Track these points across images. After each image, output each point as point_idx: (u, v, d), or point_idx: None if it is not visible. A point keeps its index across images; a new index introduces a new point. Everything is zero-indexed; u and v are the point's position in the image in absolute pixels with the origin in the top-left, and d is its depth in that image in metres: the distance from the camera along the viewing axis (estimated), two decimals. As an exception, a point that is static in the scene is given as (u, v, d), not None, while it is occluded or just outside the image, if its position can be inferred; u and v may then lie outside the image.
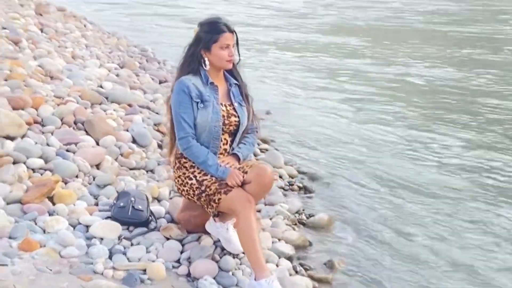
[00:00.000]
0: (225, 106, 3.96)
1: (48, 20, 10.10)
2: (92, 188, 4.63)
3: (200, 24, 3.98)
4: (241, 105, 4.04)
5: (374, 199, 5.45)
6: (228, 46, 3.89)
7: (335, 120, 8.04)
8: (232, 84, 4.06)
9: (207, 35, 3.89)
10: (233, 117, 3.96)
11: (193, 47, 3.95)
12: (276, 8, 22.65)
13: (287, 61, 12.48)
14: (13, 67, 6.22)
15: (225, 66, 3.97)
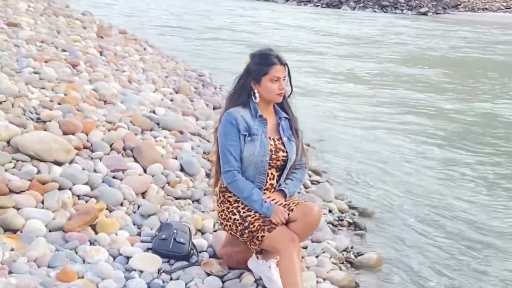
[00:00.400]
0: (273, 140, 3.85)
1: (108, 43, 10.22)
2: (136, 217, 4.56)
3: (252, 56, 3.90)
4: (290, 140, 3.92)
5: (428, 241, 5.21)
6: (278, 79, 3.79)
7: (393, 156, 7.74)
8: (282, 117, 3.95)
9: (257, 67, 3.80)
10: (281, 152, 3.85)
11: (243, 79, 3.87)
12: (345, 35, 22.30)
13: (353, 91, 12.17)
14: (68, 91, 6.26)
15: (275, 99, 3.86)
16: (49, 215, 4.15)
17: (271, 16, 30.88)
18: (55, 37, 9.26)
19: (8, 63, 6.63)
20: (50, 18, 11.02)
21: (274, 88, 3.80)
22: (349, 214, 5.63)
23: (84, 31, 11.03)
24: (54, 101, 5.87)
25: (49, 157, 4.74)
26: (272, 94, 3.82)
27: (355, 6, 41.68)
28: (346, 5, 42.07)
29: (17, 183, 4.29)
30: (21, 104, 5.48)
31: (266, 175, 3.83)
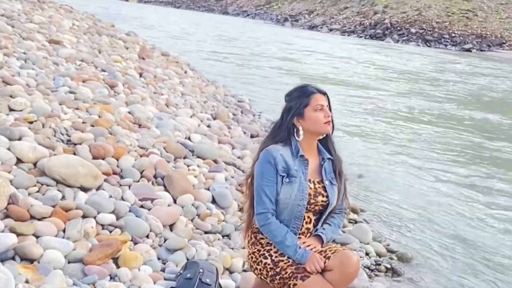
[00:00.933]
0: (313, 183, 3.54)
1: (148, 64, 10.08)
2: (162, 251, 4.31)
3: (287, 95, 3.64)
4: (332, 184, 3.61)
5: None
6: (322, 107, 3.51)
7: (438, 200, 7.27)
8: (326, 158, 3.64)
9: (297, 101, 3.53)
10: (321, 197, 3.54)
11: (284, 118, 3.57)
12: (399, 70, 21.70)
13: (403, 130, 11.63)
14: (103, 112, 6.08)
15: (323, 129, 3.54)
16: (69, 246, 3.91)
17: (316, 45, 30.72)
18: (95, 56, 9.15)
19: (44, 82, 6.50)
20: (93, 37, 10.95)
21: (319, 117, 3.50)
22: (387, 258, 5.28)
23: (126, 51, 10.93)
24: (87, 122, 5.69)
25: (75, 182, 4.52)
26: (319, 124, 3.51)
27: (399, 39, 41.44)
28: (390, 37, 41.88)
29: (39, 209, 4.08)
30: (52, 125, 5.30)
31: (303, 219, 3.54)
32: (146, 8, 59.67)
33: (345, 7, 54.65)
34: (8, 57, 7.04)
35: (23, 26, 9.25)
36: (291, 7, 64.91)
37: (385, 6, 48.98)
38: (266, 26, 46.03)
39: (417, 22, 44.10)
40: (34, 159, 4.64)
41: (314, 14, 57.08)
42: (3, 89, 5.70)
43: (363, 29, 45.84)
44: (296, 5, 65.10)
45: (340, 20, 50.66)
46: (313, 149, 3.63)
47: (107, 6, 47.19)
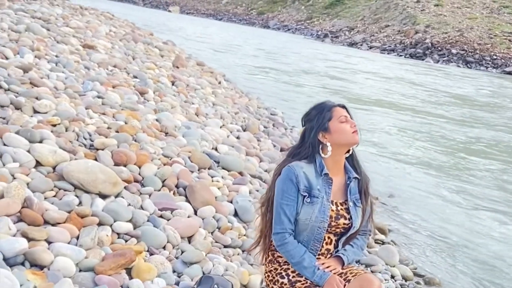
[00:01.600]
0: (336, 204, 3.34)
1: (182, 73, 10.00)
2: (178, 264, 4.15)
3: (305, 116, 3.46)
4: (356, 205, 3.40)
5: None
6: (346, 118, 3.33)
7: (472, 226, 6.95)
8: (352, 178, 3.43)
9: (318, 117, 3.34)
10: (343, 219, 3.33)
11: (303, 140, 3.40)
12: (449, 93, 20.85)
13: (450, 157, 11.05)
14: (129, 119, 5.97)
15: (353, 139, 3.33)
16: (81, 253, 3.77)
17: (360, 62, 30.37)
18: (129, 63, 9.11)
19: (72, 85, 6.43)
20: (129, 44, 10.93)
21: (346, 127, 3.30)
22: (413, 282, 5.04)
23: (161, 59, 10.89)
24: (112, 128, 5.59)
25: (93, 188, 4.40)
26: (348, 135, 3.31)
27: (439, 59, 40.88)
28: (430, 57, 41.36)
29: (53, 215, 3.96)
30: (76, 129, 5.20)
31: (323, 240, 3.34)
32: (188, 19, 60.11)
33: (386, 25, 54.18)
34: (39, 59, 7.01)
35: (58, 30, 9.26)
36: (332, 23, 64.72)
37: (427, 26, 48.43)
38: (306, 42, 45.90)
39: (458, 43, 43.44)
40: (54, 162, 4.54)
41: (355, 31, 56.74)
42: (29, 90, 5.63)
43: (404, 47, 45.38)
44: (337, 22, 64.89)
45: (381, 38, 50.24)
46: (340, 167, 3.42)
47: (149, 16, 47.70)
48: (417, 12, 54.01)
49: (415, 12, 54.09)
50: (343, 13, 67.54)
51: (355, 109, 13.71)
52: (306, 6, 75.53)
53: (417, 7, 56.19)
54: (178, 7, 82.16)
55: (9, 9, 10.01)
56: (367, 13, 62.39)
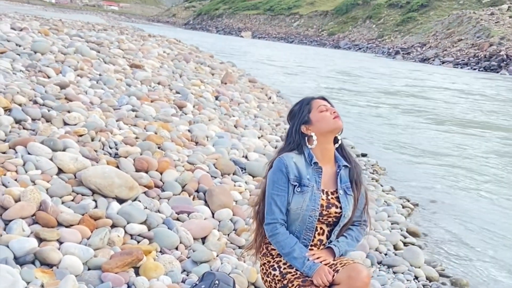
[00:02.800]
0: (326, 193, 3.35)
1: (228, 89, 10.17)
2: (188, 263, 4.23)
3: (288, 114, 3.53)
4: (347, 194, 3.39)
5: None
6: (326, 107, 3.37)
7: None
8: (342, 166, 3.44)
9: (299, 111, 3.41)
10: (334, 208, 3.34)
11: (288, 138, 3.45)
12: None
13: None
14: (159, 129, 6.14)
15: (335, 124, 3.35)
16: (89, 252, 3.92)
17: (432, 78, 29.68)
18: (174, 80, 9.34)
19: (108, 100, 6.67)
20: (179, 63, 11.22)
21: (327, 114, 3.35)
22: (438, 283, 4.93)
23: (210, 77, 11.12)
24: (140, 138, 5.77)
25: (109, 192, 4.57)
26: (329, 121, 3.33)
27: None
28: (506, 69, 40.18)
29: (67, 217, 4.13)
30: (102, 139, 5.40)
31: (315, 230, 3.35)
32: (260, 43, 60.67)
33: (459, 39, 53.24)
34: (81, 77, 7.31)
35: (108, 52, 9.63)
36: (404, 40, 64.14)
37: (502, 38, 47.25)
38: (377, 60, 45.47)
39: (535, 54, 42.13)
40: (75, 169, 4.73)
41: (427, 47, 56.01)
42: (62, 105, 5.89)
43: (477, 61, 44.37)
44: (409, 38, 64.26)
45: (453, 53, 49.36)
46: (329, 157, 3.44)
47: (223, 42, 48.39)
48: (491, 25, 52.82)
49: (489, 25, 52.91)
50: (415, 30, 66.86)
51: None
52: (377, 24, 75.22)
53: (491, 19, 54.98)
54: (250, 32, 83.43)
55: (66, 35, 10.50)
56: (440, 28, 61.50)
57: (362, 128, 13.02)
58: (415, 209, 7.12)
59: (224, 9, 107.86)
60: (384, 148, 10.95)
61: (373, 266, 5.02)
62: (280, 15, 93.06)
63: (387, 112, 16.08)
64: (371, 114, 15.42)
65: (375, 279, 4.68)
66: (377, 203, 6.83)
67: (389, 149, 10.82)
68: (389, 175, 8.83)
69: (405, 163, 9.76)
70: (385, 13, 77.24)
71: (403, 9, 74.99)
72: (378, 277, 4.77)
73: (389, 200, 7.09)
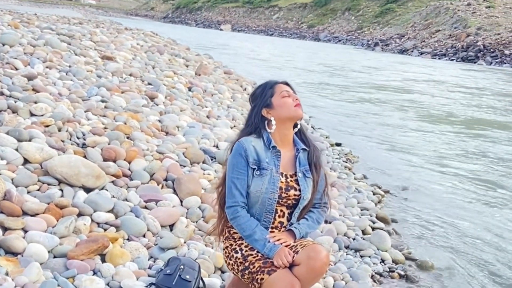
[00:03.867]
0: (285, 176, 3.40)
1: (201, 80, 10.17)
2: (155, 250, 4.26)
3: (251, 96, 3.58)
4: (306, 176, 3.45)
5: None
6: (288, 93, 3.43)
7: (482, 219, 6.72)
8: (300, 149, 3.49)
9: (261, 94, 3.46)
10: (293, 190, 3.39)
11: (249, 120, 3.50)
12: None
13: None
14: (129, 119, 6.14)
15: (295, 113, 3.43)
16: (54, 240, 3.92)
17: (410, 69, 29.74)
18: (147, 72, 9.33)
19: (77, 91, 6.66)
20: (153, 55, 11.19)
21: (288, 101, 3.41)
22: (404, 266, 5.01)
23: (184, 68, 11.11)
24: (109, 128, 5.77)
25: (76, 181, 4.57)
26: (290, 109, 3.40)
27: (492, 61, 40.02)
28: (483, 60, 40.55)
29: (32, 206, 4.13)
30: (69, 129, 5.39)
31: (275, 213, 3.40)
32: (240, 36, 60.58)
33: (436, 30, 53.62)
34: (50, 69, 7.28)
35: (79, 44, 9.57)
36: (383, 32, 64.39)
37: (478, 28, 47.69)
38: (357, 52, 45.61)
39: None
40: (41, 159, 4.72)
41: (405, 38, 56.31)
42: (29, 96, 5.87)
43: (455, 51, 44.73)
44: (387, 30, 64.52)
45: (431, 44, 49.70)
46: (288, 141, 3.50)
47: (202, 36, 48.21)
48: (468, 15, 53.26)
49: (466, 15, 53.35)
50: (393, 21, 67.13)
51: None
52: (356, 16, 75.42)
53: (468, 10, 55.42)
54: (230, 25, 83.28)
55: (37, 27, 10.43)
56: (418, 19, 61.87)
57: (338, 118, 13.13)
58: (386, 196, 7.20)
59: (203, 2, 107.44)
60: (359, 138, 11.04)
61: (341, 250, 5.07)
62: (260, 8, 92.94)
63: (365, 103, 16.20)
64: (348, 105, 15.52)
65: (342, 262, 4.75)
66: (348, 190, 6.90)
67: (364, 139, 10.91)
68: (362, 163, 8.91)
69: (379, 153, 9.85)
70: (363, 4, 77.48)
71: (381, 0, 75.25)
72: (345, 260, 4.83)
73: (360, 188, 7.15)
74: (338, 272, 4.53)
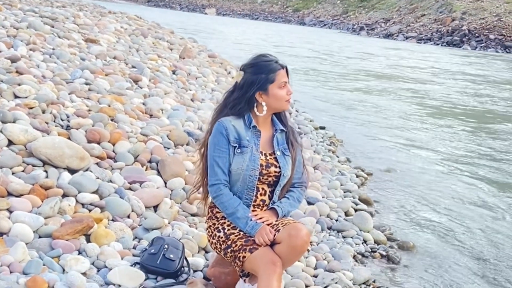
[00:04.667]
0: (265, 155, 3.47)
1: (186, 63, 10.18)
2: (139, 230, 4.31)
3: (247, 66, 3.53)
4: (285, 154, 3.53)
5: (465, 282, 4.57)
6: (285, 84, 3.46)
7: (459, 201, 6.84)
8: (278, 129, 3.56)
9: (261, 76, 3.43)
10: (273, 167, 3.46)
11: (240, 92, 3.48)
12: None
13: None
14: (112, 102, 6.16)
15: (284, 107, 3.51)
16: (39, 221, 3.96)
17: (397, 54, 29.69)
18: (131, 55, 9.32)
19: (61, 73, 6.65)
20: (137, 38, 11.16)
21: (283, 94, 3.45)
22: (385, 246, 5.10)
23: (168, 52, 11.10)
24: (93, 110, 5.78)
25: (60, 163, 4.59)
26: (282, 102, 3.46)
27: (477, 45, 40.16)
28: (468, 44, 40.70)
29: (16, 187, 4.16)
30: (53, 111, 5.41)
31: (257, 190, 3.46)
32: (225, 20, 60.29)
33: (422, 15, 53.62)
34: (33, 51, 7.26)
35: (63, 27, 9.52)
36: (368, 16, 64.29)
37: (464, 13, 47.74)
38: (342, 36, 45.53)
39: (496, 28, 42.64)
40: (26, 141, 4.73)
41: (391, 23, 56.28)
42: (13, 78, 5.87)
43: (440, 36, 44.78)
44: (373, 14, 64.44)
45: (417, 28, 49.73)
46: (267, 122, 3.58)
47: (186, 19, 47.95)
48: (453, 0, 53.28)
49: (452, 0, 53.37)
50: (379, 5, 67.01)
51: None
52: (341, 0, 75.24)
53: (453, -6, 55.45)
54: (214, 9, 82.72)
55: (19, 10, 10.35)
56: (403, 3, 61.78)
57: (322, 103, 13.16)
58: (369, 178, 7.28)
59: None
60: (343, 122, 11.11)
61: (323, 231, 5.15)
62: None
63: (349, 89, 16.20)
64: (333, 90, 15.53)
65: (325, 243, 4.82)
66: (332, 173, 6.96)
67: (348, 123, 10.98)
68: (346, 147, 8.98)
69: (362, 137, 9.92)
70: (349, -12, 77.28)
71: (367, -16, 75.12)
72: (327, 241, 4.90)
73: (344, 170, 7.22)
74: (321, 252, 4.61)
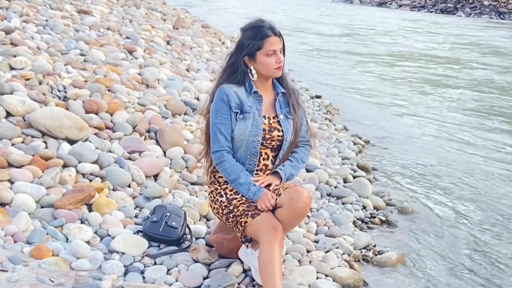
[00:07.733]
0: (268, 118, 3.47)
1: (180, 34, 10.12)
2: (140, 199, 4.33)
3: (243, 30, 3.52)
4: (288, 118, 3.53)
5: (458, 249, 4.62)
6: (274, 52, 3.41)
7: (464, 164, 6.90)
8: (280, 93, 3.56)
9: (250, 41, 3.41)
10: (276, 131, 3.47)
11: (235, 56, 3.49)
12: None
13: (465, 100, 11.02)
14: (109, 73, 6.14)
15: (273, 74, 3.48)
16: (41, 191, 3.98)
17: (394, 22, 29.46)
18: (124, 26, 9.26)
19: (55, 45, 6.60)
20: (129, 9, 11.07)
21: (271, 62, 3.42)
22: (385, 211, 5.14)
23: (161, 22, 11.03)
24: (89, 81, 5.76)
25: (59, 133, 4.58)
26: (270, 69, 3.44)
27: (471, 12, 39.89)
28: (461, 11, 40.40)
29: (17, 157, 4.16)
30: (50, 82, 5.39)
31: (260, 155, 3.47)
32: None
33: (415, -19, 53.21)
34: (27, 23, 7.20)
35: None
36: (360, -15, 63.81)
37: (458, -22, 47.34)
38: (335, 4, 45.12)
39: (491, -6, 42.35)
40: (24, 112, 4.71)
41: (383, -9, 55.86)
42: (8, 50, 5.83)
43: (434, 3, 44.33)
44: (366, -18, 63.95)
45: (410, -5, 49.35)
46: (268, 86, 3.56)
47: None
48: (447, -36, 52.84)
49: (445, -35, 52.91)
50: (371, -27, 66.48)
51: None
52: (333, -31, 74.60)
53: (447, -41, 54.97)
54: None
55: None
56: (396, -30, 61.28)
57: (317, 72, 13.12)
58: (366, 145, 7.31)
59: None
60: (340, 90, 11.10)
61: (323, 197, 5.18)
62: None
63: (344, 58, 16.14)
64: (328, 60, 15.48)
65: (324, 209, 4.85)
66: (329, 141, 6.99)
67: (344, 92, 10.97)
68: (343, 115, 8.99)
69: (359, 105, 9.92)
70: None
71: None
72: (327, 207, 4.93)
73: (341, 138, 7.24)
74: (321, 218, 4.63)
